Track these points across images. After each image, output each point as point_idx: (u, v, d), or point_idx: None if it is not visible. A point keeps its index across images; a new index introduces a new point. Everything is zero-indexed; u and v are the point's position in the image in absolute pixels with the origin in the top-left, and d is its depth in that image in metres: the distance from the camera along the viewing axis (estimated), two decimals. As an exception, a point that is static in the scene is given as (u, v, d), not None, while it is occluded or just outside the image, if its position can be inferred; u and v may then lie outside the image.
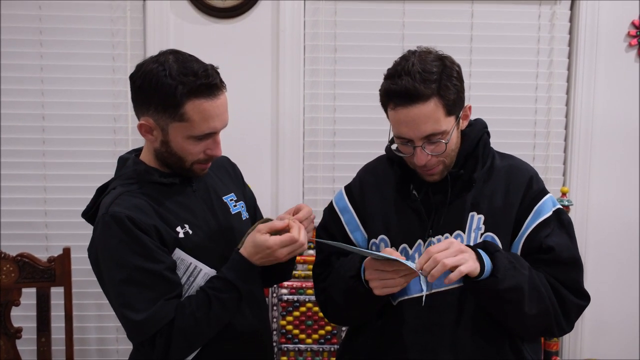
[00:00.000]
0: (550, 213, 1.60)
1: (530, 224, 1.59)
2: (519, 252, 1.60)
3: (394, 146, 1.61)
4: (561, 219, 1.62)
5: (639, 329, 2.75)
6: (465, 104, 1.61)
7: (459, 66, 1.56)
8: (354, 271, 1.57)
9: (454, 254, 1.42)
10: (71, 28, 2.56)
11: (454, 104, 1.52)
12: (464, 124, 1.62)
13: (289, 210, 1.64)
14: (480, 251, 1.50)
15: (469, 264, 1.43)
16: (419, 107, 1.48)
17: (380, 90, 1.56)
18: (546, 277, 1.57)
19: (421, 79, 1.47)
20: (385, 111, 1.57)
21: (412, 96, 1.48)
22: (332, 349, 2.54)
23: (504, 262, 1.49)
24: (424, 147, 1.52)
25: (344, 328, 2.47)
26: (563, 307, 1.57)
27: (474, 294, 1.54)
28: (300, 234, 1.53)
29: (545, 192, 1.64)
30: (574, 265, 1.61)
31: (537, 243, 1.58)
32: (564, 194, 2.54)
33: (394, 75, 1.51)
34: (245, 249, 1.55)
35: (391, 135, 1.60)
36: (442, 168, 1.59)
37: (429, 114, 1.49)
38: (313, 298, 2.47)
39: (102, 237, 1.54)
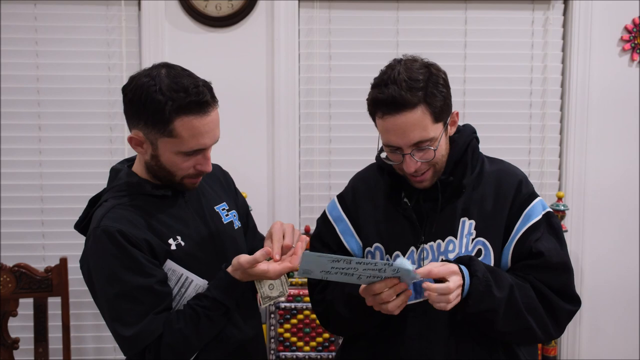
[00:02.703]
0: (540, 217, 1.61)
1: (520, 228, 1.60)
2: (509, 257, 1.61)
3: (383, 154, 1.62)
4: (551, 223, 1.62)
5: (637, 332, 2.76)
6: (459, 110, 1.62)
7: (444, 73, 1.57)
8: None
9: (444, 294, 1.45)
10: (67, 38, 2.58)
11: (441, 110, 1.53)
12: (452, 130, 1.62)
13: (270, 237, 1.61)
14: (465, 271, 1.50)
15: (453, 303, 1.46)
16: (406, 115, 1.49)
17: (367, 100, 1.57)
18: (535, 284, 1.57)
19: (407, 87, 1.48)
20: (374, 120, 1.57)
21: (399, 104, 1.48)
22: (330, 356, 2.53)
23: (479, 288, 1.49)
24: (412, 154, 1.53)
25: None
26: (552, 314, 1.58)
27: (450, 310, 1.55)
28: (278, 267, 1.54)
29: (535, 196, 1.64)
30: (564, 270, 1.61)
31: (527, 247, 1.59)
32: (559, 199, 2.55)
33: (380, 84, 1.52)
34: (234, 273, 1.56)
35: (380, 144, 1.61)
36: (431, 175, 1.59)
37: (417, 122, 1.49)
38: (310, 305, 2.47)
39: (94, 251, 1.54)
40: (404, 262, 1.42)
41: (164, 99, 1.47)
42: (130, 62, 2.58)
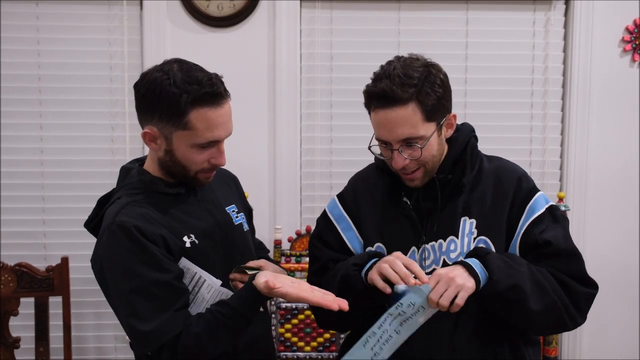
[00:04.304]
0: (543, 210, 1.60)
1: (524, 223, 1.59)
2: (517, 252, 1.59)
3: (375, 148, 1.62)
4: (555, 215, 1.61)
5: (638, 332, 2.76)
6: (461, 110, 1.62)
7: (445, 75, 1.57)
8: (360, 260, 1.58)
9: (445, 288, 1.44)
10: (69, 38, 2.58)
11: (434, 110, 1.53)
12: (448, 132, 1.62)
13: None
14: (471, 261, 1.49)
15: (463, 294, 1.44)
16: (396, 110, 1.50)
17: (363, 92, 1.58)
18: (550, 270, 1.55)
19: (400, 83, 1.49)
20: (369, 114, 1.59)
21: (389, 99, 1.50)
22: (331, 356, 2.54)
23: (497, 263, 1.48)
24: (401, 150, 1.54)
25: (342, 335, 2.47)
26: (572, 298, 1.55)
27: (477, 301, 1.53)
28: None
29: (536, 190, 1.63)
30: (574, 255, 1.60)
31: (532, 240, 1.57)
32: (560, 199, 2.55)
33: (376, 78, 1.55)
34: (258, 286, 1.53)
35: (374, 141, 1.61)
36: (422, 174, 1.59)
37: (406, 118, 1.50)
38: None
39: (109, 247, 1.52)
40: (416, 290, 1.44)
41: (178, 92, 1.48)
42: (132, 61, 2.59)
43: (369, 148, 1.64)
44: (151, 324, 1.48)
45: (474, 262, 1.49)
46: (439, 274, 1.46)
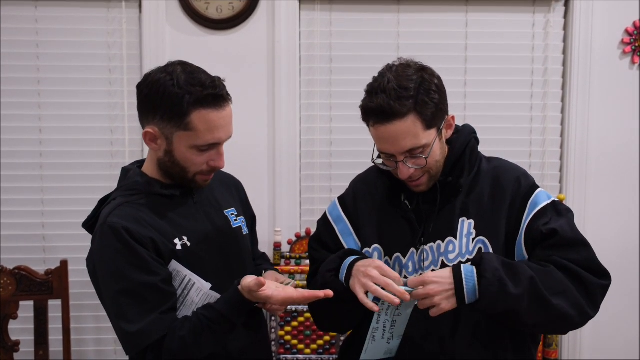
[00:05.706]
0: (545, 203, 1.58)
1: (527, 217, 1.57)
2: (523, 249, 1.57)
3: (379, 161, 1.62)
4: (558, 209, 1.59)
5: (639, 332, 2.76)
6: (460, 112, 1.61)
7: (438, 78, 1.56)
8: (333, 265, 1.60)
9: (423, 296, 1.46)
10: (68, 41, 2.58)
11: (433, 117, 1.52)
12: (448, 134, 1.62)
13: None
14: (467, 276, 1.46)
15: (435, 310, 1.45)
16: (397, 124, 1.49)
17: (360, 107, 1.57)
18: (561, 263, 1.51)
19: (397, 97, 1.47)
20: (368, 126, 1.58)
21: (388, 114, 1.48)
22: (331, 359, 2.53)
23: (491, 289, 1.44)
24: (405, 161, 1.53)
25: (342, 338, 2.47)
26: (584, 290, 1.51)
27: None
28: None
29: (537, 187, 1.62)
30: (583, 244, 1.56)
31: (537, 232, 1.55)
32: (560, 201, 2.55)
33: (371, 92, 1.52)
34: (243, 291, 1.53)
35: (376, 151, 1.61)
36: (427, 179, 1.59)
37: (407, 130, 1.49)
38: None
39: (100, 247, 1.54)
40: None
41: (181, 93, 1.50)
42: (131, 64, 2.58)
43: (373, 161, 1.63)
44: (136, 325, 1.49)
45: (468, 279, 1.46)
46: (423, 280, 1.46)
